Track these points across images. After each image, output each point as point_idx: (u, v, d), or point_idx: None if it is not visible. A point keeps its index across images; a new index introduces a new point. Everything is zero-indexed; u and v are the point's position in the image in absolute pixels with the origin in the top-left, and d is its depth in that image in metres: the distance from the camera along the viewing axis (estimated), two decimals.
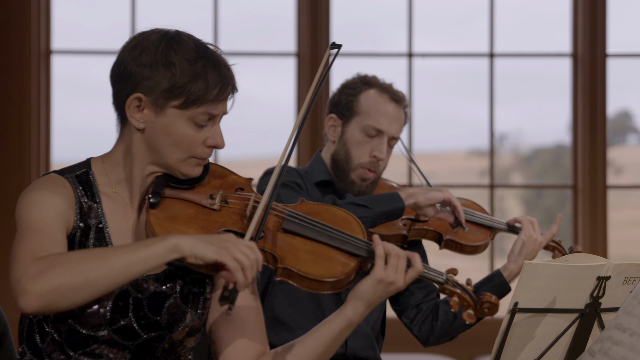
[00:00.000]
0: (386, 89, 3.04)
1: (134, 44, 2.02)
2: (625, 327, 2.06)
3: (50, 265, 1.80)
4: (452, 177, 18.15)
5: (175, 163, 2.03)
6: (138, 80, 1.99)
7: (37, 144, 4.97)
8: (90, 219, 2.03)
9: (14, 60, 4.96)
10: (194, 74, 1.99)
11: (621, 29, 5.85)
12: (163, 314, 2.03)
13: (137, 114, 2.01)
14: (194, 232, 1.99)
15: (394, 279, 2.00)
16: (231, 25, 5.52)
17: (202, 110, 2.00)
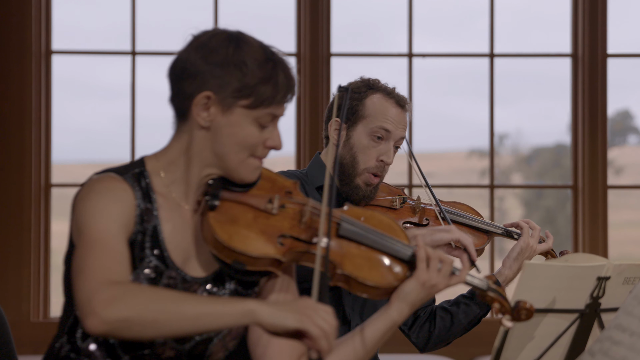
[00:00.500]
0: (391, 94, 3.04)
1: (199, 44, 2.03)
2: (625, 327, 2.06)
3: (124, 294, 1.80)
4: (452, 177, 18.15)
5: (235, 165, 2.03)
6: (207, 78, 2.00)
7: (37, 144, 4.97)
8: (148, 222, 2.02)
9: (14, 60, 4.96)
10: (265, 75, 2.02)
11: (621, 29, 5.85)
12: None
13: (203, 112, 2.02)
14: (254, 236, 2.01)
15: (436, 281, 2.08)
16: (231, 25, 5.51)
17: (268, 112, 2.04)
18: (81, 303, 1.81)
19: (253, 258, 2.01)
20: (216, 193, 2.03)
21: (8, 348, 2.42)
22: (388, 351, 4.56)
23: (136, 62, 5.13)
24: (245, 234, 2.01)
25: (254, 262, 2.01)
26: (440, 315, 3.08)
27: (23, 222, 4.90)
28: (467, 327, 3.09)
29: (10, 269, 4.89)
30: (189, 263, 2.06)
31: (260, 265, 2.02)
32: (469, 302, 3.07)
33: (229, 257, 2.00)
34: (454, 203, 3.18)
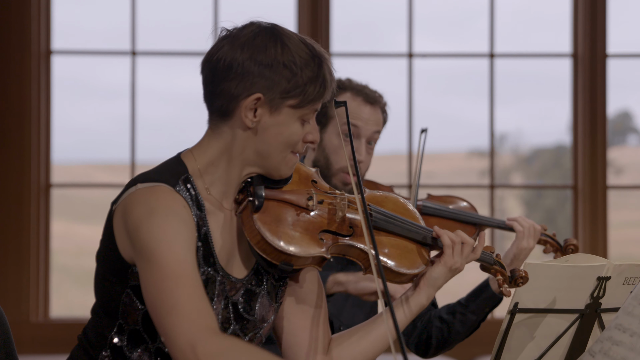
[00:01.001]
0: (360, 91, 3.00)
1: (244, 42, 1.99)
2: (625, 327, 2.06)
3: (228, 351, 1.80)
4: (452, 177, 18.15)
5: (278, 163, 2.01)
6: (257, 80, 1.96)
7: (37, 144, 4.97)
8: (201, 229, 1.98)
9: (14, 60, 4.96)
10: (313, 74, 2.00)
11: (621, 29, 5.85)
12: (256, 313, 2.05)
13: (250, 114, 1.97)
14: (300, 235, 2.01)
15: (460, 264, 2.14)
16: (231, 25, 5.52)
17: (313, 108, 2.02)
18: (181, 347, 1.80)
19: (302, 258, 2.01)
20: (260, 193, 2.01)
21: (8, 348, 2.42)
22: (388, 351, 4.56)
23: (136, 62, 5.13)
24: (292, 234, 2.01)
25: (300, 262, 2.02)
26: (437, 325, 3.05)
27: (23, 222, 4.90)
28: (467, 334, 3.07)
29: (10, 269, 4.89)
30: (232, 263, 2.04)
31: (305, 264, 2.04)
32: (465, 310, 3.02)
33: (277, 259, 2.00)
34: (446, 197, 3.16)
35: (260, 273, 2.07)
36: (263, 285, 2.07)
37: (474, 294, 3.02)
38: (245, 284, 2.04)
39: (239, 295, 2.03)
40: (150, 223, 1.89)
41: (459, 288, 3.15)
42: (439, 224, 3.04)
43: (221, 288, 2.00)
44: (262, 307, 2.07)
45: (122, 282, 1.97)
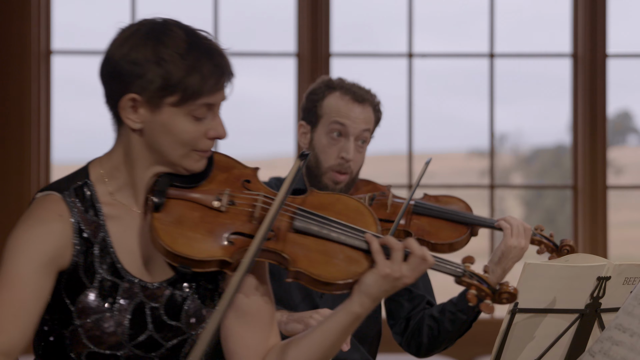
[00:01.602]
0: (348, 90, 2.99)
1: (121, 40, 1.94)
2: (625, 327, 2.06)
3: None
4: (452, 177, 18.14)
5: (178, 159, 1.93)
6: (130, 79, 1.89)
7: (37, 144, 4.97)
8: (94, 235, 1.94)
9: (14, 60, 4.96)
10: (188, 67, 1.89)
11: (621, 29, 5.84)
12: (182, 319, 1.97)
13: (132, 115, 1.91)
14: (200, 237, 1.91)
15: (400, 274, 1.91)
16: (231, 25, 5.52)
17: (200, 103, 1.90)
18: None
19: (197, 261, 1.90)
20: (161, 190, 1.93)
21: None
22: (388, 351, 4.56)
23: None
24: (191, 235, 1.91)
25: (198, 265, 1.91)
26: (428, 324, 3.03)
27: None
28: (458, 333, 3.05)
29: None
30: (149, 267, 1.97)
31: (206, 267, 1.92)
32: (454, 309, 3.00)
33: (174, 260, 1.91)
34: (442, 197, 3.15)
35: (187, 277, 1.98)
36: (192, 289, 1.98)
37: (464, 293, 3.01)
38: (165, 288, 1.97)
39: (161, 300, 1.96)
40: (16, 229, 1.91)
41: (458, 289, 3.15)
42: (429, 224, 3.02)
43: (129, 293, 1.94)
44: (193, 311, 1.97)
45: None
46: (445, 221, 3.02)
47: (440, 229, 3.01)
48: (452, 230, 3.01)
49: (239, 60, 5.43)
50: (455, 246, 3.00)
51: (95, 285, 1.92)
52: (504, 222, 2.98)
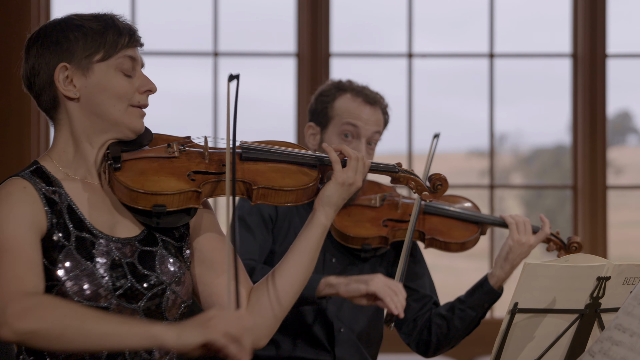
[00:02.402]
0: (360, 92, 3.02)
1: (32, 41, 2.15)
2: (625, 327, 2.06)
3: (36, 308, 1.87)
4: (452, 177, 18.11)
5: (120, 116, 2.11)
6: (56, 55, 2.10)
7: (37, 144, 4.97)
8: (60, 203, 2.09)
9: (14, 61, 4.96)
10: (103, 26, 2.11)
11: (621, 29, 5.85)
12: (157, 268, 2.11)
13: (69, 87, 2.10)
14: (165, 178, 2.09)
15: (353, 179, 2.19)
16: (231, 25, 5.52)
17: (123, 55, 2.11)
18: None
19: (170, 195, 2.08)
20: (117, 156, 2.10)
21: (8, 348, 2.42)
22: (388, 351, 4.56)
23: None
24: (156, 179, 2.09)
25: (172, 200, 2.08)
26: (436, 322, 3.05)
27: None
28: (467, 331, 3.06)
29: None
30: (116, 229, 2.13)
31: (179, 203, 2.09)
32: (464, 306, 3.02)
33: (148, 204, 2.08)
34: (450, 196, 3.17)
35: (154, 235, 2.15)
36: (158, 244, 2.14)
37: (473, 289, 3.03)
38: (138, 246, 2.12)
39: (135, 256, 2.11)
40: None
41: (458, 289, 3.15)
42: (441, 223, 3.05)
43: (105, 250, 2.08)
44: (164, 264, 2.12)
45: None
46: (456, 220, 3.06)
47: (452, 228, 3.05)
48: (463, 229, 3.05)
49: (239, 60, 5.43)
50: (466, 245, 3.05)
51: (72, 244, 2.06)
52: (509, 217, 3.02)
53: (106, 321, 1.88)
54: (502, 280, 2.99)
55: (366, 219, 2.99)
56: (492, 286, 2.98)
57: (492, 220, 3.06)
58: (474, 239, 3.06)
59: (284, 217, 3.04)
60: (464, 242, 3.04)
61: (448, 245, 3.03)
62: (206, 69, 5.22)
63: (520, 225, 2.99)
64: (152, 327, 1.86)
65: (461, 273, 15.46)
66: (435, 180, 2.40)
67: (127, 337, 1.85)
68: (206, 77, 5.21)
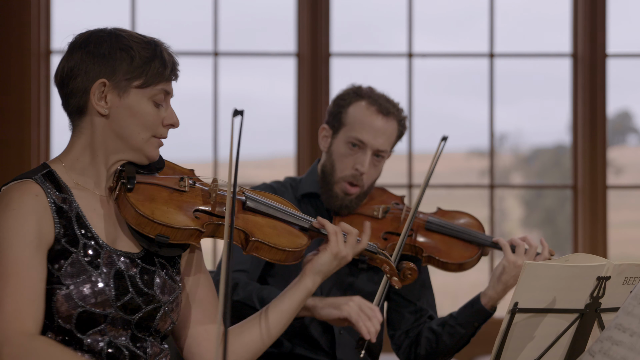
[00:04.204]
0: (375, 101, 2.97)
1: (79, 45, 2.15)
2: (625, 327, 2.06)
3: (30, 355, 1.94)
4: (452, 177, 18.14)
5: (141, 144, 2.15)
6: (98, 69, 2.12)
7: (37, 144, 4.97)
8: (69, 211, 2.11)
9: (14, 60, 4.96)
10: (151, 54, 2.14)
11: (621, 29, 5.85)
12: (155, 287, 2.15)
13: (101, 101, 2.12)
14: (173, 211, 2.14)
15: (345, 253, 2.29)
16: (231, 25, 5.52)
17: (160, 88, 2.14)
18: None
19: (175, 229, 2.13)
20: (131, 176, 2.14)
21: None
22: (388, 351, 4.55)
23: None
24: (165, 209, 2.13)
25: (176, 233, 2.13)
26: (427, 336, 3.02)
27: None
28: (456, 347, 3.03)
29: None
30: (118, 242, 2.16)
31: (181, 237, 2.14)
32: (454, 323, 3.00)
33: (153, 231, 2.12)
34: (455, 212, 3.11)
35: (152, 255, 2.19)
36: (156, 265, 2.18)
37: (465, 307, 3.00)
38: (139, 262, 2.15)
39: (137, 270, 2.15)
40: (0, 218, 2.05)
41: (459, 289, 3.14)
42: (441, 242, 3.00)
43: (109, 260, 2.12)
44: (161, 284, 2.17)
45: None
46: (457, 240, 3.00)
47: (452, 247, 2.99)
48: (463, 249, 2.99)
49: (239, 60, 5.43)
50: (465, 266, 2.98)
51: (80, 251, 2.09)
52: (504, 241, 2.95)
53: None
54: (494, 301, 2.95)
55: None
56: (482, 306, 2.94)
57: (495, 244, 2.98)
58: (473, 260, 2.99)
59: None
60: (462, 263, 2.97)
61: (445, 265, 2.97)
62: (206, 68, 5.23)
63: (519, 248, 2.93)
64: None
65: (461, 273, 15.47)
66: (405, 269, 2.54)
67: None
68: (206, 77, 5.21)
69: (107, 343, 2.10)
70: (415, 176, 5.21)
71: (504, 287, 2.93)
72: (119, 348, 2.11)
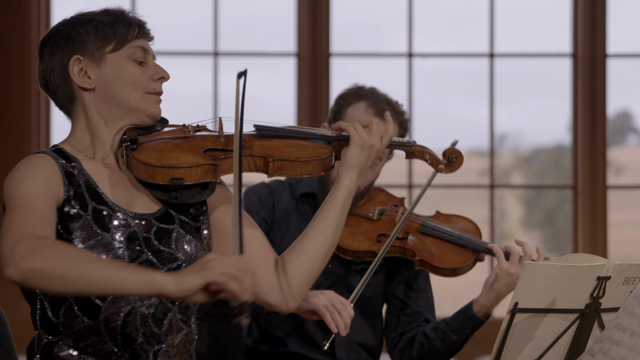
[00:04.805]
0: (374, 103, 2.96)
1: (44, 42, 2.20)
2: (625, 327, 2.06)
3: (42, 248, 1.88)
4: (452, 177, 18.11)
5: (137, 103, 2.17)
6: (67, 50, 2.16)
7: (37, 144, 4.97)
8: (78, 177, 2.14)
9: (14, 60, 4.96)
10: (112, 19, 2.18)
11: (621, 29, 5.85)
12: (172, 245, 2.15)
13: (84, 78, 2.16)
14: (181, 154, 2.14)
15: (372, 142, 2.28)
16: (231, 25, 5.52)
17: (135, 46, 2.18)
18: (3, 253, 1.91)
19: (187, 168, 2.12)
20: (133, 138, 2.15)
21: (8, 348, 2.42)
22: None
23: None
24: (173, 155, 2.14)
25: (189, 173, 2.12)
26: (419, 340, 3.01)
27: None
28: (448, 353, 3.00)
29: None
30: (134, 205, 2.17)
31: (197, 176, 2.13)
32: (446, 329, 2.97)
33: (166, 177, 2.11)
34: (453, 216, 3.08)
35: (170, 213, 2.19)
36: (175, 222, 2.18)
37: (457, 314, 2.99)
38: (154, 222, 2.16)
39: (151, 231, 2.15)
40: (10, 177, 2.12)
41: (459, 289, 3.14)
42: (435, 246, 2.98)
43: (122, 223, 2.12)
44: (180, 241, 2.17)
45: None
46: (451, 244, 2.97)
47: (446, 252, 2.96)
48: (457, 254, 2.96)
49: (239, 60, 5.43)
50: (458, 271, 2.95)
51: (89, 214, 2.10)
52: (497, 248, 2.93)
53: (108, 265, 1.88)
54: (487, 308, 2.93)
55: (361, 231, 2.95)
56: (474, 313, 2.93)
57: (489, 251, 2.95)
58: (467, 265, 2.96)
59: (281, 220, 3.02)
60: (455, 268, 2.94)
61: (438, 269, 2.94)
62: (206, 68, 5.23)
63: (513, 256, 2.90)
64: (153, 274, 1.85)
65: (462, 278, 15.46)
66: (449, 153, 2.49)
67: (128, 281, 1.85)
68: (206, 77, 5.21)
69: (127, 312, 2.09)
70: (415, 176, 5.21)
71: (497, 295, 2.90)
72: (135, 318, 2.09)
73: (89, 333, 2.10)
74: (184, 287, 1.83)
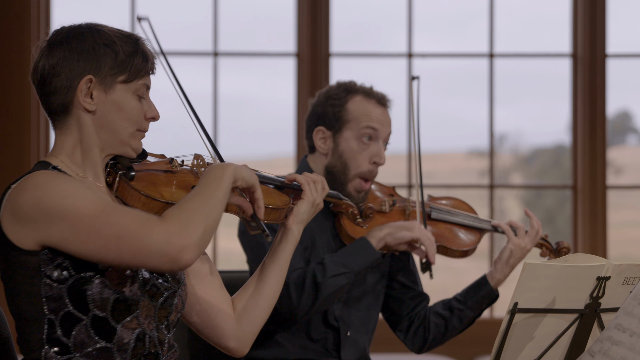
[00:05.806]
0: (371, 94, 3.03)
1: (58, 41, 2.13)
2: (625, 327, 2.06)
3: (184, 217, 1.97)
4: (451, 177, 18.15)
5: (128, 138, 2.16)
6: (83, 65, 2.11)
7: (36, 144, 4.97)
8: None
9: (14, 61, 4.96)
10: (133, 49, 2.15)
11: (621, 29, 5.85)
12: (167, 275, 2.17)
13: (87, 98, 2.12)
14: (176, 189, 2.16)
15: (319, 200, 2.37)
16: (231, 25, 5.52)
17: (142, 82, 2.16)
18: (161, 251, 1.94)
19: None
20: (129, 166, 2.16)
21: (8, 348, 2.42)
22: (385, 351, 4.55)
23: None
24: (169, 190, 2.16)
25: None
26: (435, 321, 3.07)
27: None
28: (462, 330, 3.09)
29: None
30: None
31: None
32: (463, 307, 3.05)
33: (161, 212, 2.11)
34: (445, 198, 3.17)
35: None
36: None
37: (472, 290, 3.04)
38: None
39: None
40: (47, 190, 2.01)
41: (459, 289, 3.16)
42: (447, 230, 3.06)
43: None
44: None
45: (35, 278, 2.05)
46: (460, 227, 3.06)
47: (457, 235, 3.06)
48: (466, 236, 3.07)
49: (238, 60, 5.43)
50: (469, 252, 3.08)
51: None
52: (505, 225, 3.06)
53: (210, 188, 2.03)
54: (500, 282, 3.04)
55: (375, 224, 2.97)
56: (492, 287, 3.01)
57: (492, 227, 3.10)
58: (476, 247, 3.09)
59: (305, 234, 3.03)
60: (468, 249, 3.06)
61: (453, 252, 3.04)
62: (206, 68, 5.23)
63: (520, 231, 3.03)
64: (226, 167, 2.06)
65: (461, 273, 15.46)
66: (366, 209, 2.84)
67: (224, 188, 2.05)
68: (206, 77, 5.21)
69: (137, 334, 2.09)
70: (415, 176, 5.20)
71: (511, 270, 3.03)
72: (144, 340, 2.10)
73: (102, 354, 2.08)
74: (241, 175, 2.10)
